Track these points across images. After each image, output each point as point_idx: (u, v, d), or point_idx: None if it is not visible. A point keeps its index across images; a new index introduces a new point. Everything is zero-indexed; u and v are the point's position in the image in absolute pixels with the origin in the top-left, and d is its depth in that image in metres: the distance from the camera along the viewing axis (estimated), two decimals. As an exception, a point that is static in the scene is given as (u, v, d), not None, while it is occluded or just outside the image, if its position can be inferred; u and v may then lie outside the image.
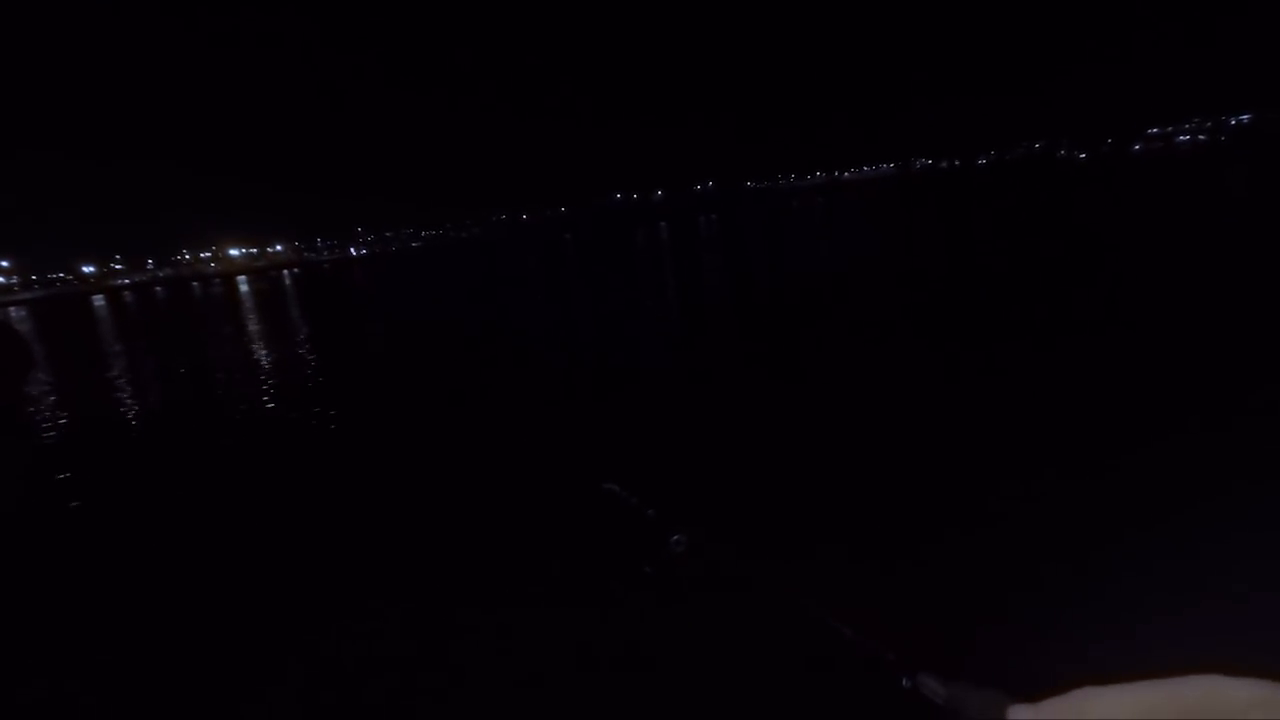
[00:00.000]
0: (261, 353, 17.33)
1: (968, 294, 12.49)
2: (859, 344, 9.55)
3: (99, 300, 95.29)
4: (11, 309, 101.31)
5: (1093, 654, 2.79)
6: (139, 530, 6.07)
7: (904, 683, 0.36)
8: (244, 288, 69.79)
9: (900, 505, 4.63)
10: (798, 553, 4.10)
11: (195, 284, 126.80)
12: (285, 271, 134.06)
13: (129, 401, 12.98)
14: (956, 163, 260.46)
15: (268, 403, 10.93)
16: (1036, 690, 0.31)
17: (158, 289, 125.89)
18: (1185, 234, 15.57)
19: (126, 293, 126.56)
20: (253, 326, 24.85)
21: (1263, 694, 0.25)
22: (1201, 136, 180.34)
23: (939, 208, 41.30)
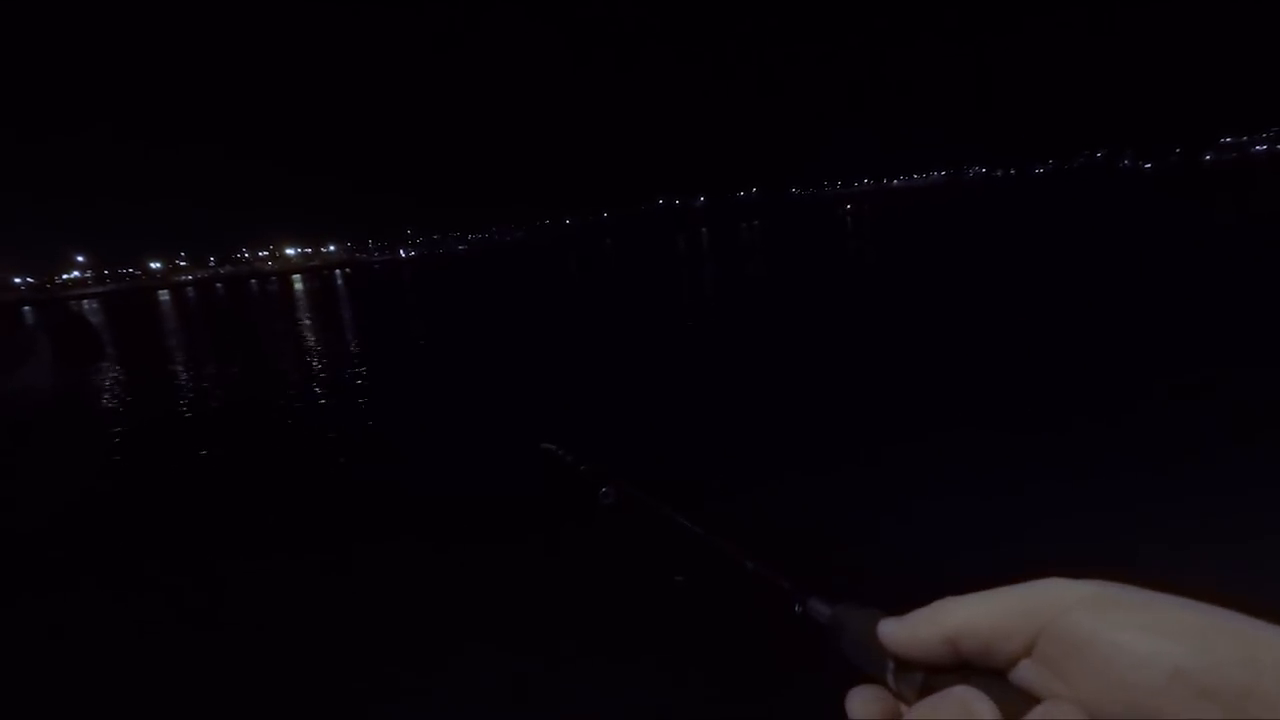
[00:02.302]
0: (305, 350, 17.94)
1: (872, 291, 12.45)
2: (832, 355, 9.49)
3: (164, 295, 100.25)
4: (85, 302, 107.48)
5: (954, 572, 3.38)
6: (172, 508, 6.39)
7: (796, 608, 0.40)
8: (298, 286, 72.42)
9: (800, 455, 5.81)
10: (713, 497, 4.99)
11: (253, 281, 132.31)
12: (337, 271, 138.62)
13: (183, 390, 13.60)
14: (1012, 171, 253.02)
15: (297, 393, 11.37)
16: (904, 604, 0.34)
17: (218, 285, 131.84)
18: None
19: (189, 289, 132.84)
20: (300, 325, 25.73)
21: (1095, 591, 0.29)
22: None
23: (990, 220, 40.12)
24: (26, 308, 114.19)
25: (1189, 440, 4.98)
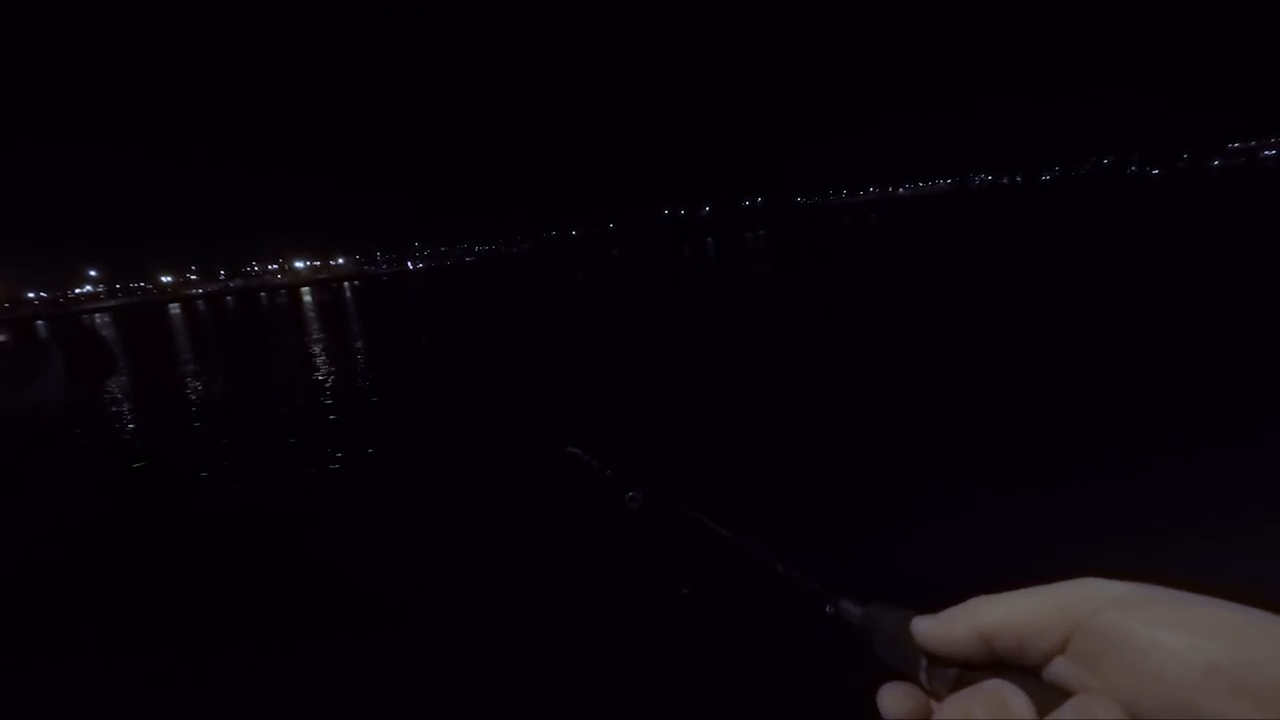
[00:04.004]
0: (318, 362, 17.99)
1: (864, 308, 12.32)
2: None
3: (175, 309, 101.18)
4: (97, 316, 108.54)
5: (984, 572, 3.39)
6: (184, 524, 6.35)
7: (827, 609, 0.40)
8: (308, 298, 72.89)
9: (826, 465, 5.68)
10: (740, 501, 4.93)
11: (263, 294, 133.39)
12: (346, 284, 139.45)
13: (195, 403, 13.66)
14: (1018, 178, 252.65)
15: (314, 405, 11.36)
16: (935, 605, 0.35)
17: (228, 299, 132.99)
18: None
19: (199, 302, 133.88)
20: (311, 338, 25.83)
21: (1130, 590, 0.29)
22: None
23: (998, 229, 39.99)
24: (40, 322, 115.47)
25: (1221, 438, 4.90)
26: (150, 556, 5.95)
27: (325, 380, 14.93)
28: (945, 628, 0.33)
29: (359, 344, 22.09)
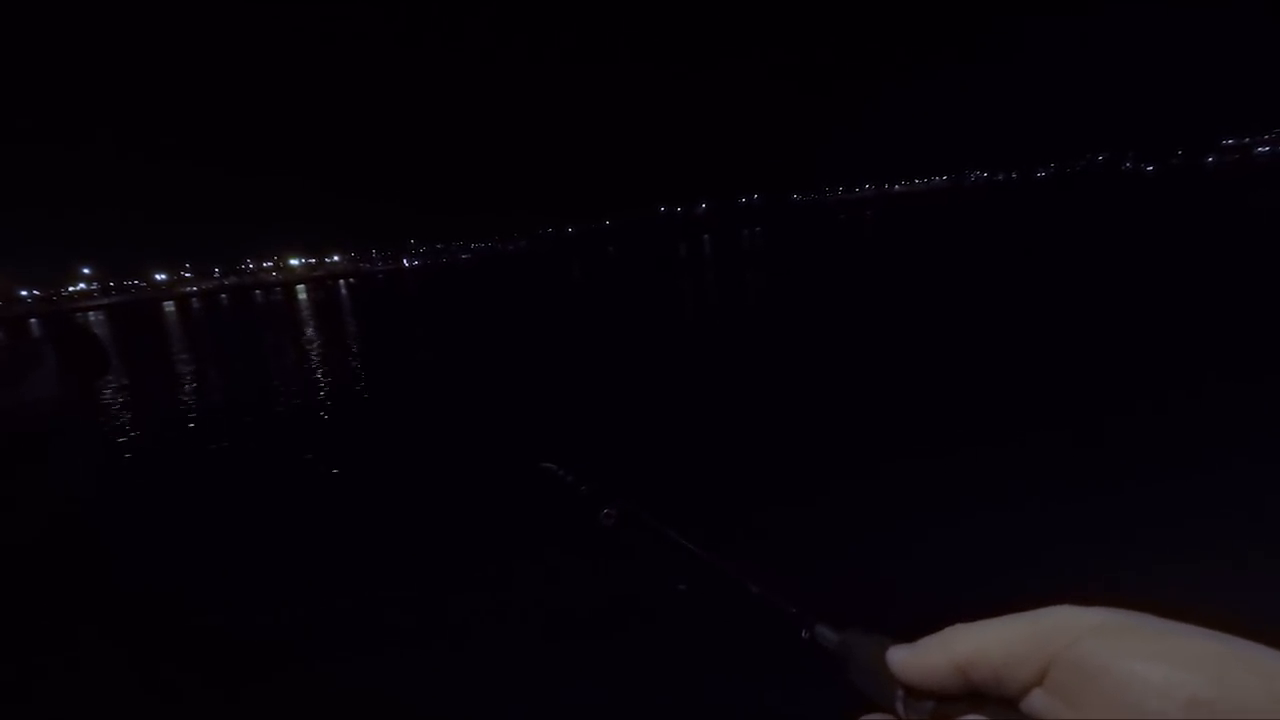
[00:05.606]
0: (304, 362, 17.96)
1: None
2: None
3: (169, 306, 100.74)
4: (90, 314, 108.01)
5: (963, 597, 3.36)
6: (168, 524, 6.36)
7: (803, 634, 0.39)
8: (302, 296, 72.65)
9: (807, 485, 5.53)
10: (718, 521, 4.81)
11: (258, 292, 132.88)
12: (341, 281, 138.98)
13: (184, 403, 13.67)
14: (1014, 175, 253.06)
15: (293, 406, 11.42)
16: (913, 631, 0.34)
17: (223, 296, 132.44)
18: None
19: (194, 300, 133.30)
20: (302, 338, 25.77)
21: (1107, 619, 0.29)
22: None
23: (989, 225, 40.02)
24: (33, 320, 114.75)
25: (1210, 455, 4.82)
26: (138, 557, 5.94)
27: (312, 381, 14.92)
28: (921, 658, 0.33)
29: (347, 346, 22.03)
